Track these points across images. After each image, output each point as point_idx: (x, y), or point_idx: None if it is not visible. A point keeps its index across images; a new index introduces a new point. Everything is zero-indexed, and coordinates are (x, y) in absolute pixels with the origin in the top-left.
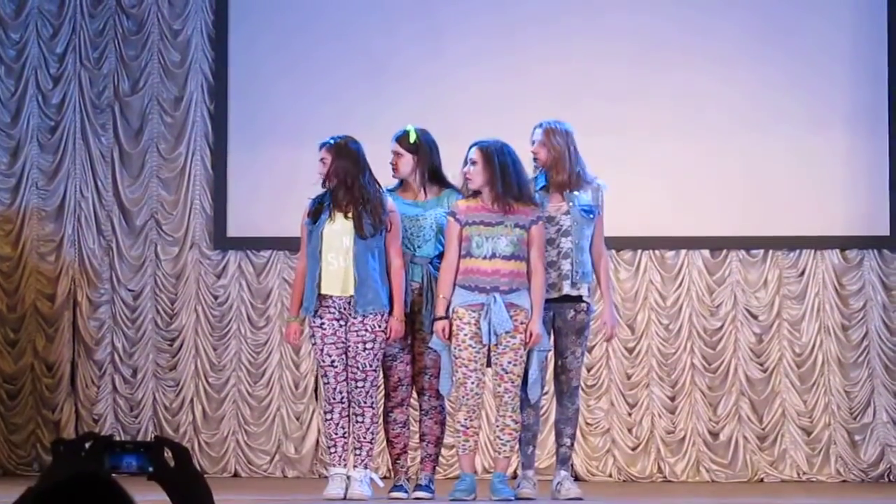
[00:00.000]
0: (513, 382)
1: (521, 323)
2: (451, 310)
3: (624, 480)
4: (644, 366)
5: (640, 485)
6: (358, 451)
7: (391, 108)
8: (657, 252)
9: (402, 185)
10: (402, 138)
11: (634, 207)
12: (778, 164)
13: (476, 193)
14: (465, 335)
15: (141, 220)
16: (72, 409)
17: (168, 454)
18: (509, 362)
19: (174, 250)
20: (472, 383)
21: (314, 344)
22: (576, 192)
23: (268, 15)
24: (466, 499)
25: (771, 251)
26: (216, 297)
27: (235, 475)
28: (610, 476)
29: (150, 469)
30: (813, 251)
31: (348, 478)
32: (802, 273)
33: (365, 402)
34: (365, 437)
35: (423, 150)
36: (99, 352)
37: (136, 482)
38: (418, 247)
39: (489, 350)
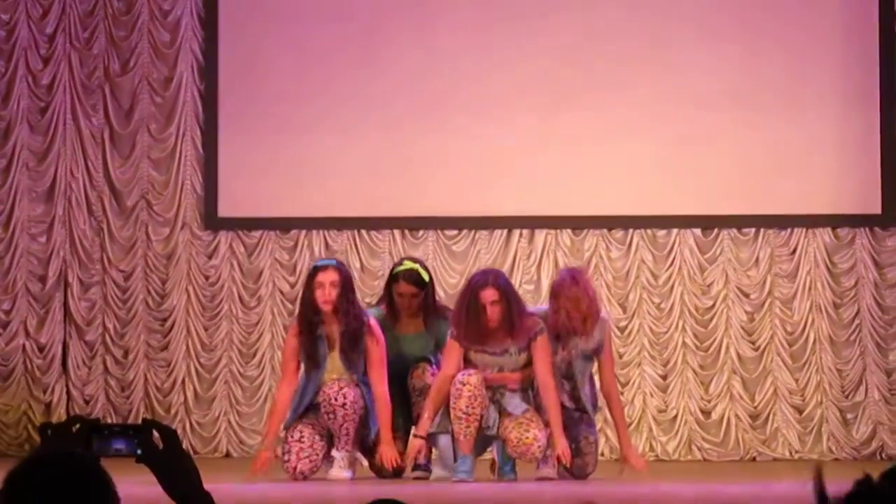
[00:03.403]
0: (537, 442)
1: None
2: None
3: (616, 459)
4: (636, 345)
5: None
6: (345, 434)
7: (382, 87)
8: (649, 231)
9: (399, 315)
10: (412, 278)
11: (626, 186)
12: (769, 142)
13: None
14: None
15: (132, 201)
16: (63, 390)
17: (156, 437)
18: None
19: (165, 231)
20: (476, 379)
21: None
22: (581, 338)
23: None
24: (468, 478)
25: (762, 230)
26: (207, 278)
27: (227, 455)
28: (602, 455)
29: (139, 452)
30: (804, 229)
31: (349, 458)
32: (794, 251)
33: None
34: (343, 428)
35: (431, 283)
36: (90, 332)
37: (125, 465)
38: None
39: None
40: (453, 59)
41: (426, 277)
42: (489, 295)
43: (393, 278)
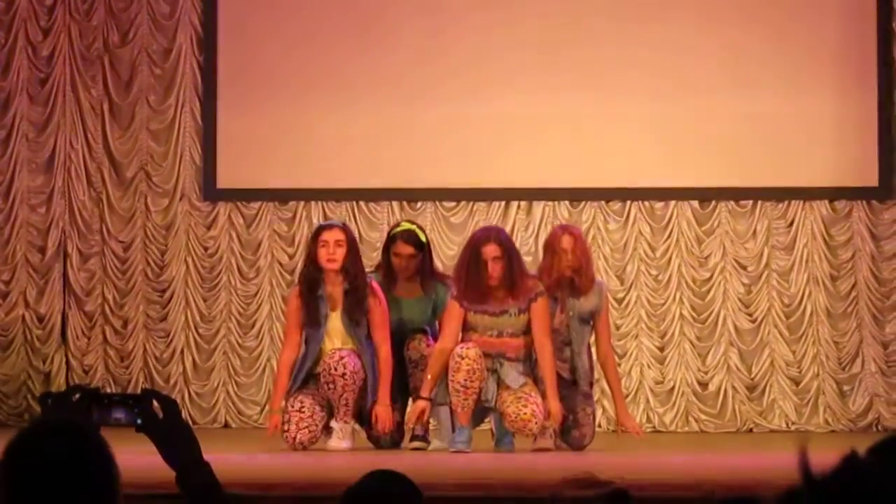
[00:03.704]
0: (535, 418)
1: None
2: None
3: (613, 431)
4: (633, 316)
5: (629, 435)
6: (344, 405)
7: (381, 59)
8: (646, 203)
9: (395, 278)
10: (410, 238)
11: (624, 158)
12: (767, 115)
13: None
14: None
15: (131, 172)
16: (62, 360)
17: (156, 406)
18: (521, 406)
19: (164, 202)
20: (474, 353)
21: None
22: (578, 300)
23: None
24: (466, 449)
25: (760, 202)
26: (206, 249)
27: (226, 426)
28: (599, 426)
29: (139, 422)
30: (802, 202)
31: (348, 429)
32: (791, 224)
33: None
34: (343, 398)
35: (428, 246)
36: (89, 303)
37: (125, 434)
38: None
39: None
40: (454, 32)
41: (423, 239)
42: (491, 251)
43: (391, 239)
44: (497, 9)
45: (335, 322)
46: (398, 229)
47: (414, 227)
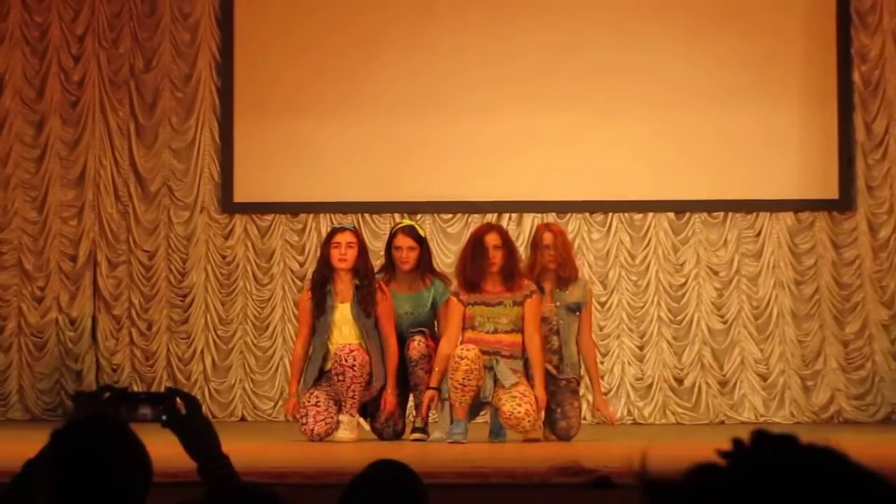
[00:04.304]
0: (528, 416)
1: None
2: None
3: (597, 423)
4: (615, 318)
5: (611, 427)
6: (351, 397)
7: (384, 84)
8: (626, 214)
9: (395, 274)
10: (411, 232)
11: (606, 173)
12: (737, 134)
13: (472, 283)
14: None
15: (155, 187)
16: (93, 360)
17: (179, 403)
18: (516, 405)
19: (185, 214)
20: (473, 354)
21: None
22: (565, 291)
23: (272, 1)
24: (462, 440)
25: (730, 213)
26: (224, 257)
27: (242, 419)
28: (585, 418)
29: (163, 418)
30: (769, 213)
31: (354, 422)
32: (759, 233)
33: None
34: (350, 390)
35: (427, 242)
36: (117, 307)
37: (151, 429)
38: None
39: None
40: (449, 64)
41: (422, 234)
42: (493, 239)
43: (392, 235)
44: (492, 38)
45: (344, 312)
46: (399, 225)
47: (414, 223)
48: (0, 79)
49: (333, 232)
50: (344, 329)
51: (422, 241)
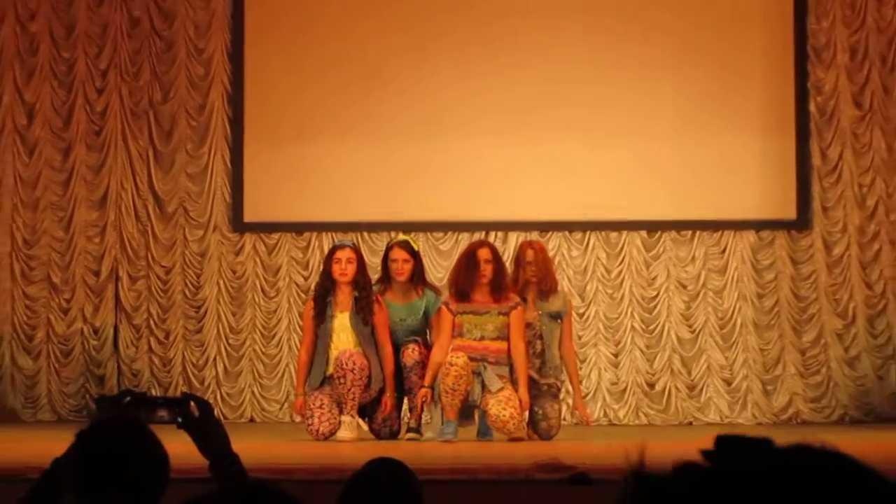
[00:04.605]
0: (513, 419)
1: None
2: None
3: (576, 424)
4: (592, 328)
5: (588, 428)
6: (351, 399)
7: (383, 114)
8: (603, 233)
9: (390, 285)
10: (406, 246)
11: (584, 196)
12: (704, 160)
13: (463, 292)
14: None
15: (171, 208)
16: (115, 366)
17: (193, 406)
18: (502, 409)
19: (199, 233)
20: (462, 361)
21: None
22: (546, 301)
23: (278, 36)
24: (453, 439)
25: (697, 232)
26: (235, 272)
27: (251, 420)
28: (565, 419)
29: (179, 420)
30: (733, 232)
31: (354, 423)
32: (724, 250)
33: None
34: (350, 392)
35: (420, 255)
36: (137, 318)
37: (168, 430)
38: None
39: (469, 406)
40: (442, 96)
41: (416, 248)
42: (485, 254)
43: (388, 249)
44: (482, 73)
45: (343, 321)
46: (395, 240)
47: (409, 238)
48: (31, 109)
49: (335, 248)
50: (342, 335)
51: (415, 255)
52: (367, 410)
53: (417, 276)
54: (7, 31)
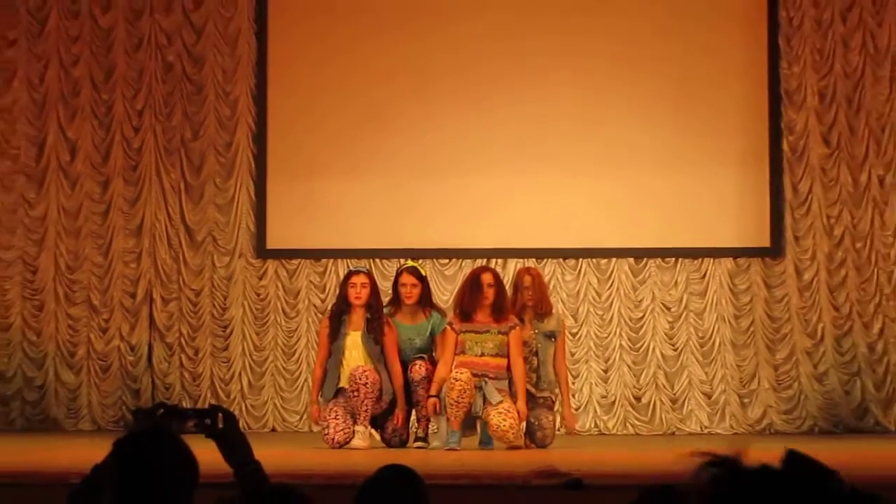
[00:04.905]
0: (512, 429)
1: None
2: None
3: (568, 434)
4: (584, 346)
5: (581, 437)
6: (364, 410)
7: (392, 151)
8: (594, 260)
9: (400, 307)
10: (414, 272)
11: (577, 225)
12: (686, 193)
13: (467, 313)
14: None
15: (201, 237)
16: (149, 380)
17: (220, 417)
18: (502, 420)
19: (226, 259)
20: (466, 377)
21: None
22: (542, 322)
23: (297, 81)
24: (457, 448)
25: (680, 259)
26: (258, 295)
27: (273, 430)
28: (558, 430)
29: (207, 430)
30: (712, 259)
31: (366, 432)
32: (704, 276)
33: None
34: (364, 404)
35: (427, 280)
36: (169, 336)
37: (197, 439)
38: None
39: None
40: (444, 133)
41: (423, 273)
42: (488, 278)
43: (398, 274)
44: (479, 112)
45: (355, 339)
46: (404, 266)
47: (416, 264)
48: (73, 146)
49: (350, 274)
50: (354, 353)
51: (423, 280)
52: (378, 421)
53: (425, 300)
54: (52, 76)
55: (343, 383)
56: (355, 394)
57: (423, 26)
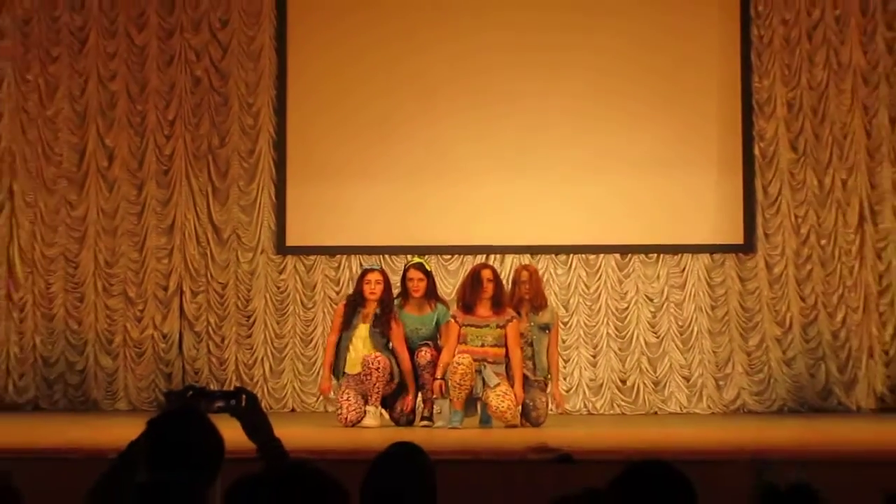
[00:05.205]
0: (510, 410)
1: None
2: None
3: (560, 414)
4: (574, 334)
5: (571, 417)
6: (376, 392)
7: (400, 156)
8: (583, 256)
9: (408, 299)
10: (420, 267)
11: (568, 225)
12: (667, 194)
13: (468, 305)
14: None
15: (227, 235)
16: (180, 365)
17: (243, 398)
18: (500, 401)
19: (249, 255)
20: (467, 361)
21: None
22: (537, 315)
23: (313, 93)
24: (459, 426)
25: (661, 255)
26: (279, 288)
27: (293, 410)
28: (551, 411)
29: (232, 410)
30: (690, 255)
31: (377, 412)
32: (683, 270)
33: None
34: (375, 386)
35: (432, 274)
36: (198, 325)
37: (223, 418)
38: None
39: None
40: (447, 140)
41: (429, 268)
42: (487, 274)
43: (406, 269)
44: (479, 121)
45: (363, 331)
46: (411, 262)
47: (422, 260)
48: (111, 153)
49: (366, 272)
50: (358, 343)
51: (428, 274)
52: (387, 401)
53: (430, 292)
54: (91, 89)
55: (348, 369)
56: (367, 377)
57: (426, 42)
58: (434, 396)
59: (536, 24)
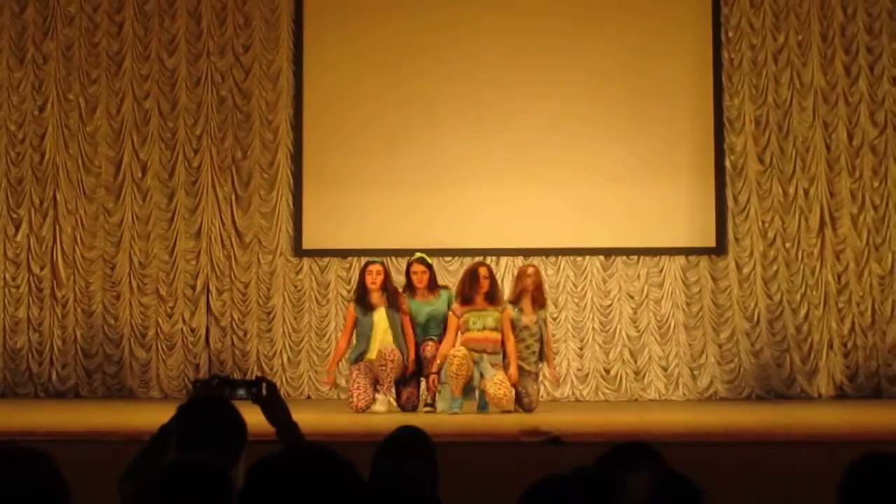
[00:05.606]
0: (506, 397)
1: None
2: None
3: (550, 401)
4: (563, 328)
5: (560, 403)
6: (388, 381)
7: (404, 166)
8: (570, 257)
9: (415, 291)
10: (422, 261)
11: (557, 228)
12: (647, 201)
13: (467, 299)
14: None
15: (249, 239)
16: (206, 356)
17: (264, 386)
18: (497, 389)
19: (269, 258)
20: (463, 352)
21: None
22: (540, 311)
23: (326, 110)
24: (459, 412)
25: (642, 256)
26: (296, 287)
27: (308, 398)
28: (542, 397)
29: (253, 397)
30: (668, 256)
31: (386, 399)
32: (661, 270)
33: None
34: (388, 376)
35: (432, 266)
36: (223, 321)
37: (245, 404)
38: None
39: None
40: (447, 153)
41: (430, 261)
42: (483, 271)
43: (410, 264)
44: (476, 136)
45: (381, 314)
46: (414, 257)
47: (423, 254)
48: (144, 165)
49: (367, 264)
50: (381, 325)
51: (430, 267)
52: (396, 387)
53: (433, 282)
54: (126, 108)
55: (371, 355)
56: (383, 367)
57: (429, 64)
58: (431, 389)
59: (527, 48)
